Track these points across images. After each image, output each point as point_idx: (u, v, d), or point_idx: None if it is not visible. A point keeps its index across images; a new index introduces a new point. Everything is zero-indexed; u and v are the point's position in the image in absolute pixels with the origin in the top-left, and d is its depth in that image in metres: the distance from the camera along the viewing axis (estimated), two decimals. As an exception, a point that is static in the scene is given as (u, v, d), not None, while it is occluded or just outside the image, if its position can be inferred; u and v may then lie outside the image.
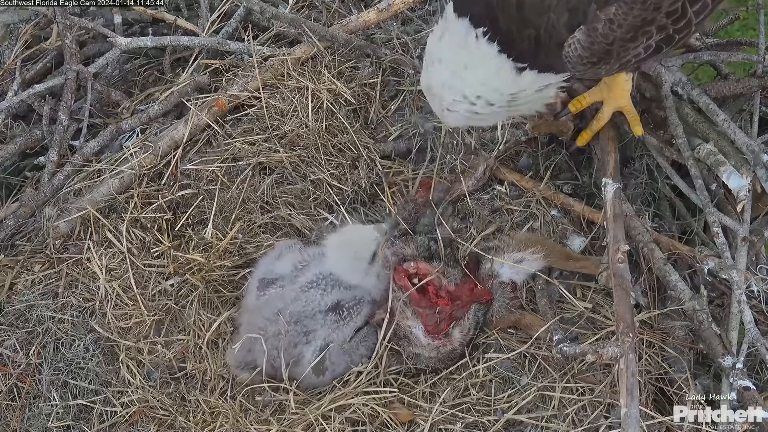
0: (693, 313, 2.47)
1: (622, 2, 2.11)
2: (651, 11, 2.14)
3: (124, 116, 3.17)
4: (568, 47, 2.18)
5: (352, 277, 2.62)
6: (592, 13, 2.13)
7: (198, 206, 2.95)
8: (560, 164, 2.97)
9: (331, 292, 2.60)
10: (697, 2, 2.18)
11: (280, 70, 3.09)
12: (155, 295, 2.83)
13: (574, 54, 2.18)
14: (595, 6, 2.13)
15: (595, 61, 2.19)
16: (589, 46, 2.16)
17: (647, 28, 2.17)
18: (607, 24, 2.13)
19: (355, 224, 2.81)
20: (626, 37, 2.16)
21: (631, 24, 2.14)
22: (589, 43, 2.16)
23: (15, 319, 2.79)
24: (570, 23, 2.16)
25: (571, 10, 2.15)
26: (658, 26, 2.17)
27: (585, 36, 2.15)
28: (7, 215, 2.94)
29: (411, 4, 3.22)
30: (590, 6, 2.13)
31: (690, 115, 2.78)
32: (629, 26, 2.14)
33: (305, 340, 2.57)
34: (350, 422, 2.48)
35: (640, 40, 2.19)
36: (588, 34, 2.15)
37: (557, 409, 2.43)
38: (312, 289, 2.60)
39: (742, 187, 2.49)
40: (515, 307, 2.66)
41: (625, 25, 2.13)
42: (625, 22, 2.13)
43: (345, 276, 2.62)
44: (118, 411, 2.65)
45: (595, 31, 2.14)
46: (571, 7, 2.15)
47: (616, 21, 2.13)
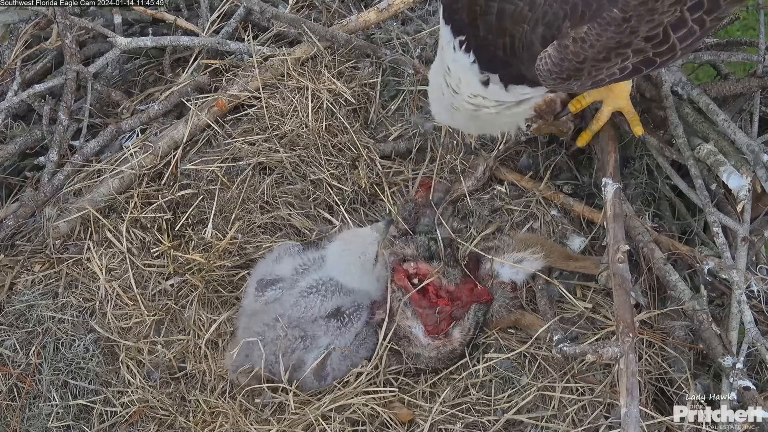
0: (693, 313, 2.47)
1: (596, 23, 2.09)
2: (627, 35, 2.11)
3: (124, 116, 3.17)
4: (540, 61, 2.17)
5: (354, 282, 2.61)
6: (565, 30, 2.12)
7: (198, 206, 2.95)
8: (560, 164, 2.97)
9: (331, 297, 2.59)
10: (682, 29, 2.13)
11: (280, 70, 3.09)
12: (155, 295, 2.83)
13: (545, 68, 2.18)
14: (568, 23, 2.12)
15: (565, 77, 2.18)
16: (559, 63, 2.15)
17: (622, 50, 2.14)
18: (579, 42, 2.12)
19: (352, 228, 2.80)
20: (599, 57, 2.14)
21: (604, 45, 2.11)
22: (559, 59, 2.15)
23: (15, 319, 2.80)
24: (544, 37, 2.16)
25: (546, 25, 2.15)
26: (635, 49, 2.14)
27: (556, 52, 2.15)
28: (7, 215, 2.94)
29: (411, 4, 3.22)
30: (564, 22, 2.12)
31: (690, 115, 2.78)
32: (602, 47, 2.11)
33: (303, 345, 2.56)
34: (350, 422, 2.48)
35: (614, 61, 2.16)
36: (559, 50, 2.14)
37: (557, 409, 2.43)
38: (312, 294, 2.59)
39: (742, 187, 2.48)
40: (515, 307, 2.65)
41: (598, 45, 2.11)
42: (597, 43, 2.11)
43: (347, 281, 2.61)
44: (118, 411, 2.66)
45: (566, 48, 2.13)
46: (546, 21, 2.14)
47: (588, 41, 2.11)
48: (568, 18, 2.12)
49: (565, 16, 2.12)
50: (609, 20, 2.08)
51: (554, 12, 2.13)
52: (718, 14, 2.15)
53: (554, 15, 2.14)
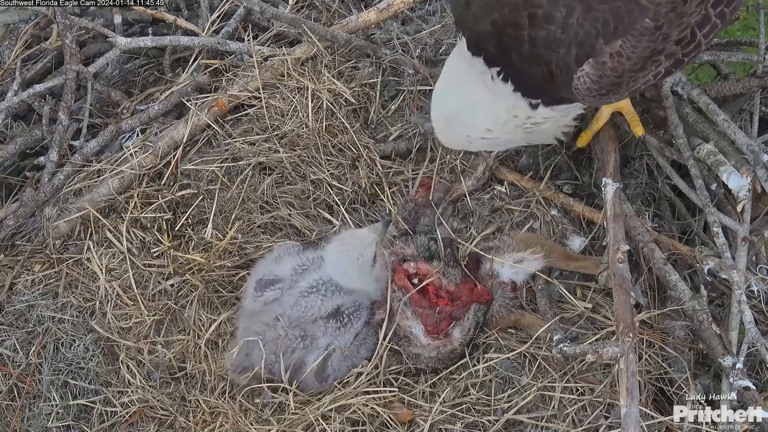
0: (693, 313, 2.47)
1: (630, 35, 2.10)
2: (660, 42, 2.13)
3: (124, 116, 3.17)
4: (578, 80, 2.19)
5: (353, 282, 2.61)
6: (600, 47, 2.13)
7: (198, 206, 2.95)
8: (560, 164, 2.97)
9: (331, 297, 2.59)
10: (706, 25, 2.16)
11: (280, 70, 3.09)
12: (155, 295, 2.83)
13: (583, 87, 2.19)
14: (602, 40, 2.13)
15: (604, 92, 2.20)
16: (597, 80, 2.17)
17: (656, 57, 2.16)
18: (616, 57, 2.13)
19: (350, 229, 2.80)
20: (635, 68, 2.16)
21: (639, 56, 2.13)
22: (597, 76, 2.16)
23: (15, 319, 2.80)
24: (579, 57, 2.17)
25: (579, 45, 2.15)
26: (668, 54, 2.17)
27: (593, 69, 2.16)
28: (7, 215, 2.94)
29: (411, 4, 3.22)
30: (598, 40, 2.13)
31: (690, 115, 2.78)
32: (638, 58, 2.13)
33: (302, 345, 2.56)
34: (350, 422, 2.48)
35: (650, 69, 2.18)
36: (596, 67, 2.15)
37: (557, 409, 2.43)
38: (312, 294, 2.59)
39: (742, 187, 2.48)
40: (515, 307, 2.65)
41: (634, 57, 2.13)
42: (634, 55, 2.13)
43: (346, 281, 2.61)
44: (118, 411, 2.66)
45: (603, 65, 2.15)
46: (579, 41, 2.15)
47: (625, 54, 2.13)
48: (600, 35, 2.13)
49: (598, 33, 2.13)
50: (642, 31, 2.10)
51: (586, 31, 2.14)
52: (736, 4, 2.18)
53: (586, 34, 2.14)
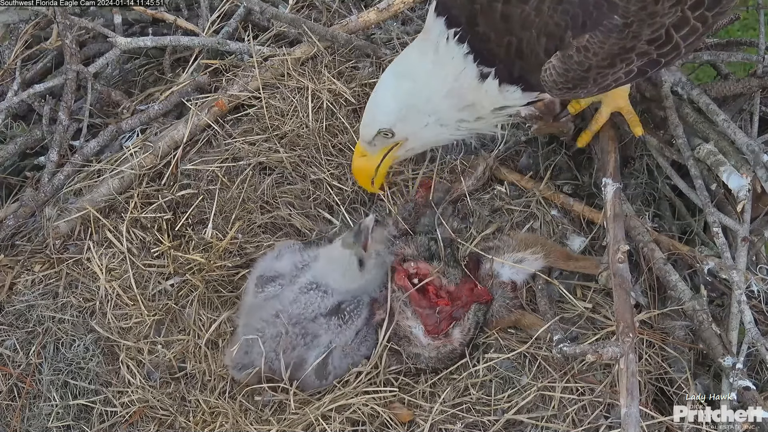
0: (693, 313, 2.47)
1: (598, 31, 2.09)
2: (630, 39, 2.12)
3: (124, 116, 3.17)
4: (545, 72, 2.18)
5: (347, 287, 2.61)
6: (568, 40, 2.12)
7: (198, 206, 2.95)
8: (560, 164, 2.97)
9: (332, 294, 2.59)
10: (684, 27, 2.13)
11: (280, 70, 3.09)
12: (155, 295, 2.83)
13: (550, 79, 2.19)
14: (570, 33, 2.12)
15: (571, 86, 2.19)
16: (564, 73, 2.16)
17: (627, 55, 2.14)
18: (582, 51, 2.12)
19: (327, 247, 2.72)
20: (603, 64, 2.15)
21: (607, 52, 2.12)
22: (564, 69, 2.15)
23: (15, 319, 2.80)
24: (547, 48, 2.16)
25: (549, 36, 2.15)
26: (639, 53, 2.15)
27: (560, 63, 2.15)
28: (7, 215, 2.95)
29: (411, 4, 3.22)
30: (566, 33, 2.12)
31: (690, 115, 2.78)
32: (606, 54, 2.12)
33: (303, 342, 2.56)
34: (350, 422, 2.48)
35: (619, 66, 2.17)
36: (563, 60, 2.15)
37: (557, 409, 2.43)
38: (312, 291, 2.59)
39: (742, 187, 2.49)
40: (515, 307, 2.65)
41: (602, 53, 2.12)
42: (601, 50, 2.11)
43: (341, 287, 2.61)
44: (118, 411, 2.66)
45: (570, 58, 2.13)
46: (549, 31, 2.15)
47: (592, 49, 2.11)
48: (569, 28, 2.12)
49: (567, 26, 2.12)
50: (611, 27, 2.09)
51: (556, 22, 2.13)
52: (719, 9, 2.15)
53: (556, 25, 2.14)
